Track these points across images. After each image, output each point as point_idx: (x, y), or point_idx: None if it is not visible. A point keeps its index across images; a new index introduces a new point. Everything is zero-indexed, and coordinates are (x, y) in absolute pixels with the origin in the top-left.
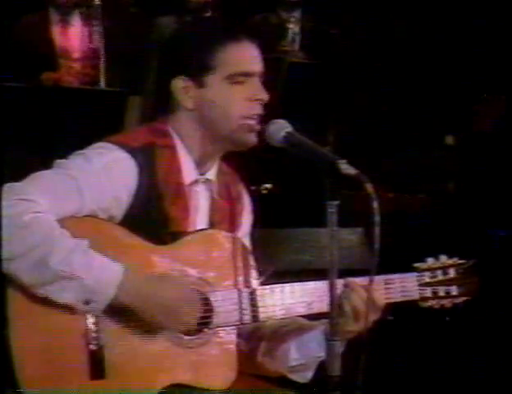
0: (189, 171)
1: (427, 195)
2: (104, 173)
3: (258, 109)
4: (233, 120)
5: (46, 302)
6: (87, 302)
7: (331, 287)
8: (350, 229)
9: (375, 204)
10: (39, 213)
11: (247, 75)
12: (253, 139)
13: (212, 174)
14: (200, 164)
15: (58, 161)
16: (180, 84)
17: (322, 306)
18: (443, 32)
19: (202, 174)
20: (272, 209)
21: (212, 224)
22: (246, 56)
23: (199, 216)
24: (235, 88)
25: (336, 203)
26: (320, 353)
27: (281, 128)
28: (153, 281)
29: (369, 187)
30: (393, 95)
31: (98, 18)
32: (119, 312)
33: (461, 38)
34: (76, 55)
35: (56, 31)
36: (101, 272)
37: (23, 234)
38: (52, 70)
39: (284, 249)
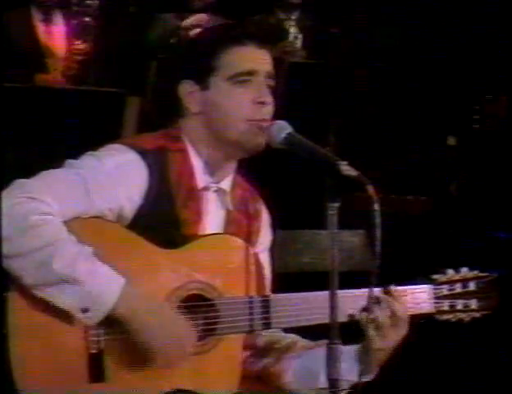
0: (200, 176)
1: (429, 197)
2: (115, 173)
3: (263, 113)
4: (238, 122)
5: (46, 306)
6: (84, 310)
7: (331, 290)
8: (351, 231)
9: (376, 206)
10: (47, 214)
11: (249, 73)
12: (261, 142)
13: (226, 184)
14: (212, 171)
15: (69, 161)
16: (186, 88)
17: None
18: (445, 32)
19: (215, 183)
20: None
21: None
22: (249, 56)
23: (210, 223)
24: (238, 89)
25: (337, 204)
26: (350, 377)
27: (281, 129)
28: (152, 306)
29: (370, 189)
30: (394, 96)
31: (90, 15)
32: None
33: (462, 39)
34: (61, 54)
35: (40, 30)
36: (103, 282)
37: (28, 234)
38: (41, 69)
39: (285, 250)
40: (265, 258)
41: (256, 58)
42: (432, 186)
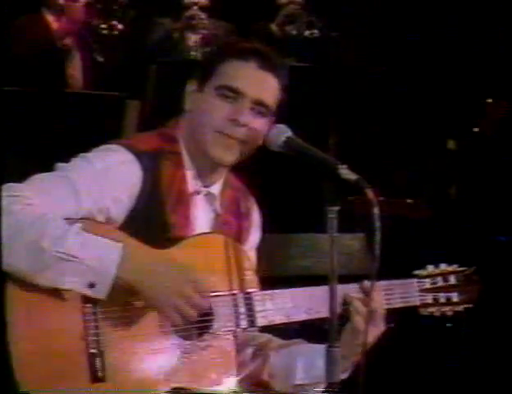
0: (191, 180)
1: (428, 200)
2: (104, 173)
3: (236, 131)
4: (206, 131)
5: (46, 305)
6: (91, 285)
7: (332, 293)
8: (351, 234)
9: (375, 210)
10: (30, 205)
11: (234, 91)
12: (227, 158)
13: (216, 188)
14: (202, 175)
15: (60, 164)
16: (190, 87)
17: (322, 312)
18: (445, 36)
19: (206, 186)
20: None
21: None
22: (244, 75)
23: (199, 227)
24: (218, 101)
25: (337, 208)
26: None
27: (281, 133)
28: (155, 255)
29: (369, 193)
30: (394, 99)
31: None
32: (120, 315)
33: (463, 43)
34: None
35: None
36: (99, 251)
37: (12, 219)
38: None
39: (284, 254)
40: (252, 256)
41: (250, 80)
42: (432, 190)
